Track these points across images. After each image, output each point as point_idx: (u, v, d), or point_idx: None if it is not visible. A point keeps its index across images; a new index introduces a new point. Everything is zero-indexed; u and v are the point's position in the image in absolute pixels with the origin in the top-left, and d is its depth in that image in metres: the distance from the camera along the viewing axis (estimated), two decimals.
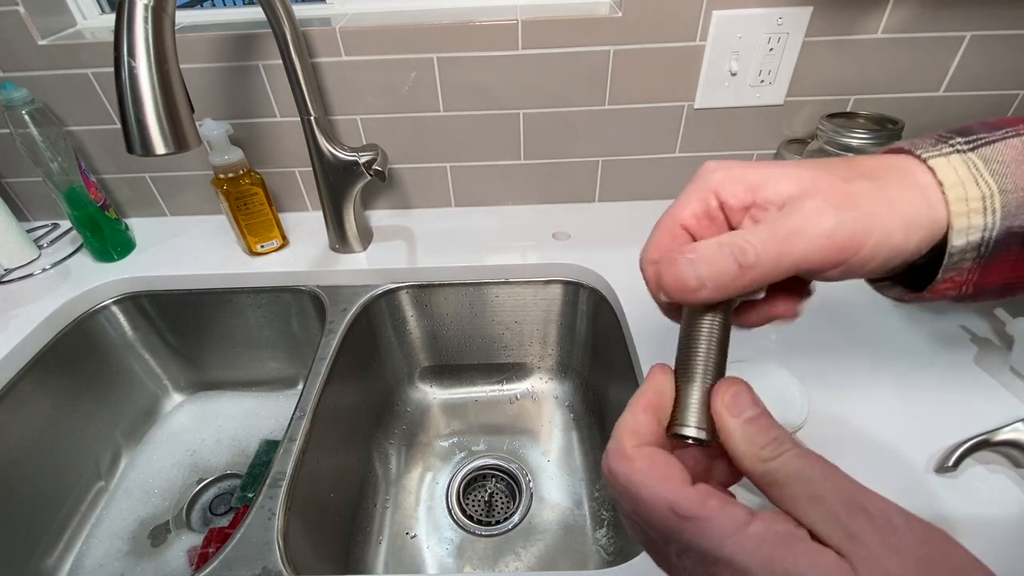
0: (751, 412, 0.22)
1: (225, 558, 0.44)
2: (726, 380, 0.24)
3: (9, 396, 0.59)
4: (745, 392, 0.23)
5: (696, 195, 0.26)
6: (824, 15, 0.61)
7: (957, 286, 0.25)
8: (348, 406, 0.65)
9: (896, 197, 0.23)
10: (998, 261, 0.24)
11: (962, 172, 0.23)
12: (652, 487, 0.21)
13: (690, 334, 0.25)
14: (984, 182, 0.23)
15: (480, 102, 0.68)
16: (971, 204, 0.23)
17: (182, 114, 0.41)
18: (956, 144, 0.24)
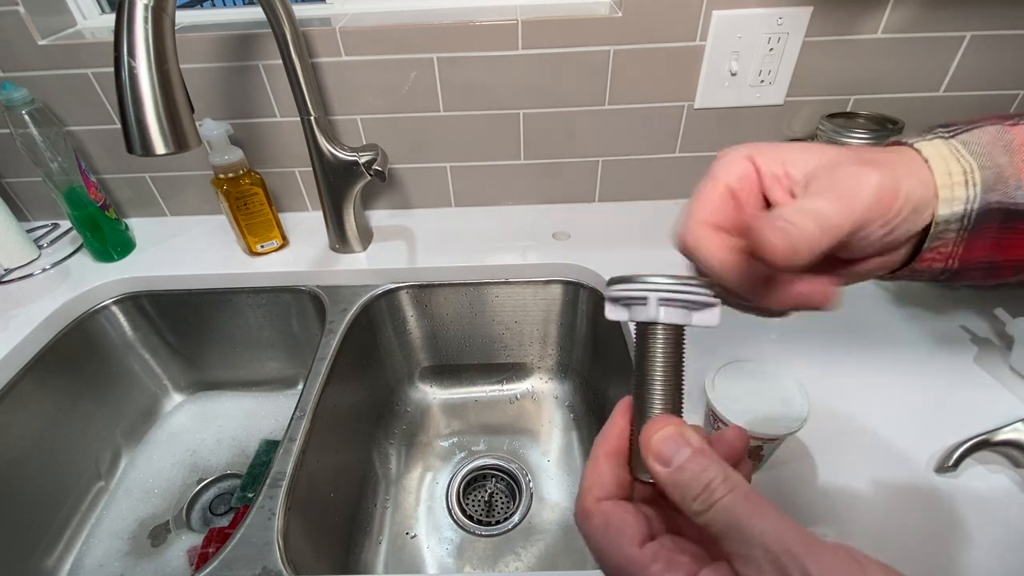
0: (681, 457, 0.22)
1: (225, 558, 0.44)
2: (654, 422, 0.23)
3: (9, 396, 0.59)
4: (673, 435, 0.22)
5: (734, 163, 0.27)
6: (824, 15, 0.61)
7: (944, 258, 0.26)
8: (348, 406, 0.65)
9: (903, 165, 0.25)
10: (980, 237, 0.26)
11: (943, 151, 0.26)
12: (603, 547, 0.22)
13: (643, 359, 0.25)
14: (964, 159, 0.25)
15: (480, 102, 0.68)
16: (954, 178, 0.25)
17: (182, 114, 0.41)
18: (939, 133, 0.27)
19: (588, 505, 0.24)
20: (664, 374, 0.24)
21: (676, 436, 0.22)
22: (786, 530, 0.19)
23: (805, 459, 0.45)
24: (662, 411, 0.24)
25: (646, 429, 0.23)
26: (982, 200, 0.25)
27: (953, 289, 0.60)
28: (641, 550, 0.22)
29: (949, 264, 0.27)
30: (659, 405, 0.24)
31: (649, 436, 0.23)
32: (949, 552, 0.39)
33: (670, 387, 0.24)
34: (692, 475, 0.21)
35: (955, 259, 0.26)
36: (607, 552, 0.22)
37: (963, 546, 0.40)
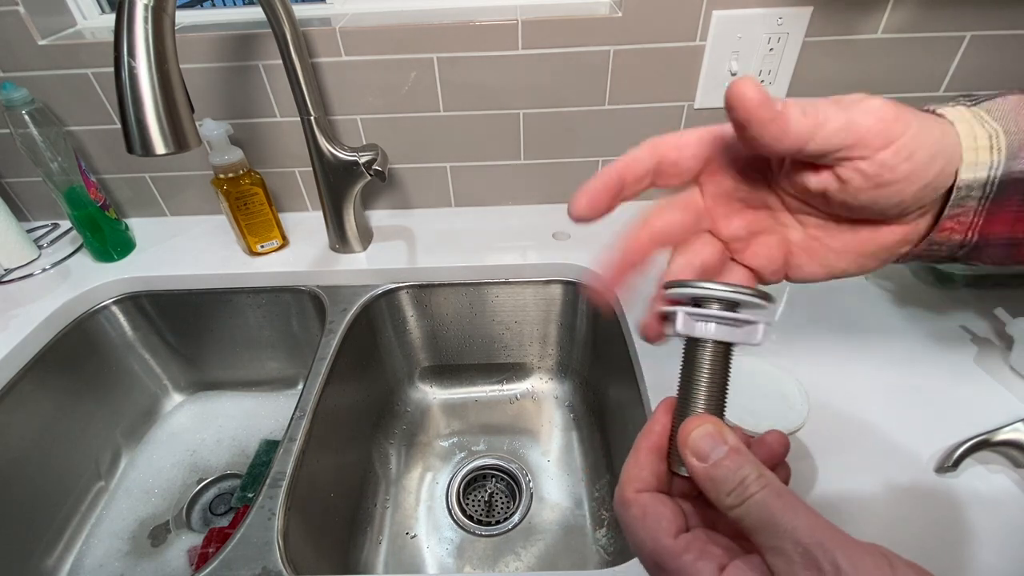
0: (718, 454, 0.22)
1: (225, 558, 0.44)
2: (693, 419, 0.24)
3: (9, 396, 0.59)
4: (712, 433, 0.23)
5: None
6: (824, 15, 0.61)
7: (963, 229, 0.26)
8: (348, 406, 0.65)
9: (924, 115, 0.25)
10: (1002, 209, 0.25)
11: (967, 116, 0.25)
12: (640, 535, 0.23)
13: (689, 363, 0.25)
14: (989, 124, 0.25)
15: (480, 102, 0.68)
16: (979, 141, 0.25)
17: (182, 114, 0.41)
18: (961, 101, 0.26)
19: (627, 495, 0.24)
20: (709, 380, 0.25)
21: (714, 434, 0.23)
22: (818, 525, 0.19)
23: (805, 459, 0.45)
24: (704, 411, 0.25)
25: (685, 425, 0.24)
26: (1006, 167, 0.24)
27: (953, 289, 0.60)
28: (675, 540, 0.22)
29: (968, 237, 0.26)
30: (701, 406, 0.25)
31: (688, 432, 0.23)
32: (949, 552, 0.39)
33: (713, 392, 0.25)
34: (727, 471, 0.21)
35: (975, 231, 0.26)
36: (643, 540, 0.23)
37: (963, 546, 0.40)
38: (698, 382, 0.25)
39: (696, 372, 0.25)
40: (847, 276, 0.28)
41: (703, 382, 0.25)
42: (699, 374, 0.25)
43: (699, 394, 0.25)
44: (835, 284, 0.25)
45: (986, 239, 0.26)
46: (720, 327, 0.25)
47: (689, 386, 0.25)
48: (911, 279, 0.63)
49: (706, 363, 0.25)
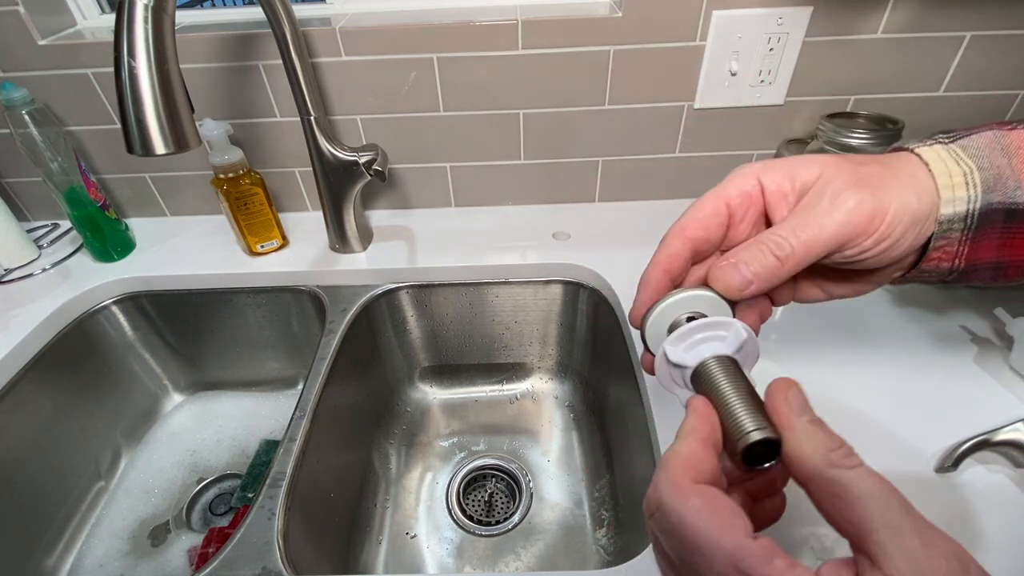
0: (811, 415, 0.22)
1: (225, 558, 0.44)
2: (782, 379, 0.23)
3: (9, 396, 0.59)
4: (803, 394, 0.23)
5: (740, 179, 0.29)
6: (824, 15, 0.61)
7: (950, 257, 0.28)
8: (348, 406, 0.65)
9: (903, 174, 0.27)
10: (985, 237, 0.27)
11: (943, 155, 0.27)
12: (711, 533, 0.19)
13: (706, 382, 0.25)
14: (964, 162, 0.27)
15: (480, 102, 0.68)
16: (954, 179, 0.26)
17: (182, 114, 0.41)
18: (939, 139, 0.28)
19: (686, 485, 0.21)
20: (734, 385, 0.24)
21: (805, 396, 0.22)
22: (917, 513, 0.19)
23: None
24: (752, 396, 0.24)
25: (776, 382, 0.23)
26: (984, 200, 0.26)
27: (953, 289, 0.60)
28: (757, 541, 0.19)
29: (956, 264, 0.28)
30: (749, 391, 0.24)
31: (784, 386, 0.23)
32: None
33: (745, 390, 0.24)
34: (827, 431, 0.21)
35: (961, 258, 0.28)
36: (713, 541, 0.19)
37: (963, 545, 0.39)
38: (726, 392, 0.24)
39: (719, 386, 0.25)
40: (846, 298, 0.31)
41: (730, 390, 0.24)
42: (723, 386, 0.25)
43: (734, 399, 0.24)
44: None
45: (973, 264, 0.28)
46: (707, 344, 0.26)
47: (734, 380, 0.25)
48: None
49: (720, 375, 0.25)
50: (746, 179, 0.28)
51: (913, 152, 0.28)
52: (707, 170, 0.75)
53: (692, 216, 0.29)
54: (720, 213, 0.29)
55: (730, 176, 0.29)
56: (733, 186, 0.29)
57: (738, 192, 0.28)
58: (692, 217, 0.29)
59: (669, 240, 0.29)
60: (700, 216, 0.29)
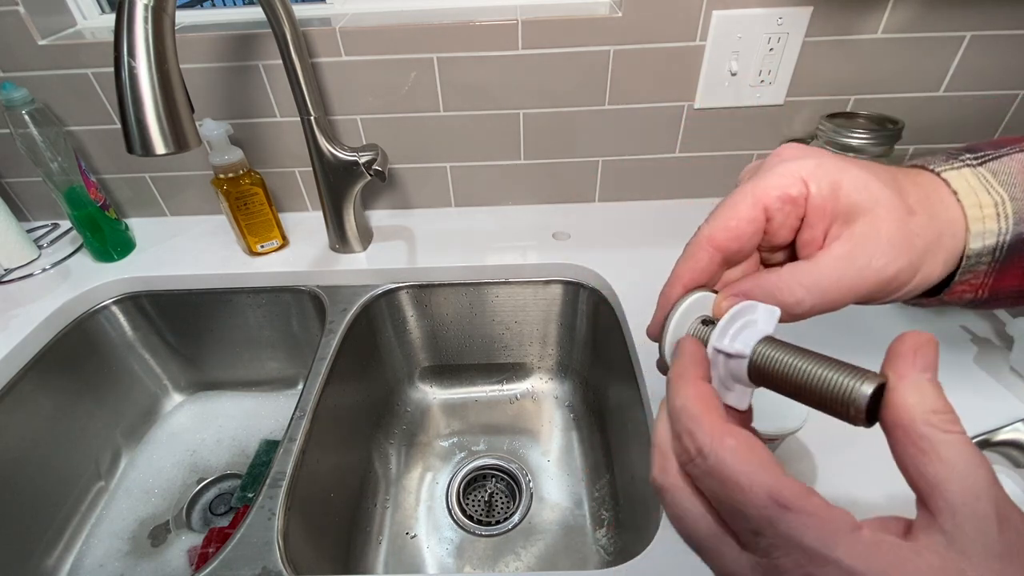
0: (933, 375, 0.20)
1: (225, 558, 0.44)
2: (918, 333, 0.21)
3: (9, 396, 0.59)
4: (935, 354, 0.20)
5: (785, 179, 0.25)
6: (824, 15, 0.61)
7: (974, 289, 0.26)
8: (348, 406, 0.65)
9: (943, 233, 0.25)
10: (1012, 266, 0.25)
11: (973, 182, 0.25)
12: (751, 471, 0.19)
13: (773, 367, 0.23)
14: (995, 191, 0.25)
15: (480, 102, 0.68)
16: (985, 211, 0.25)
17: (182, 114, 0.41)
18: (966, 160, 0.26)
19: (717, 425, 0.21)
20: (800, 354, 0.23)
21: (936, 352, 0.20)
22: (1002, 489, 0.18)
23: (805, 459, 0.45)
24: (839, 365, 0.23)
25: (915, 335, 0.21)
26: (1015, 232, 0.25)
27: None
28: (793, 480, 0.19)
29: (979, 295, 0.27)
30: (832, 366, 0.22)
31: (924, 342, 0.21)
32: None
33: (815, 357, 0.23)
34: (939, 392, 0.19)
35: (985, 289, 0.26)
36: (753, 478, 0.19)
37: None
38: (802, 363, 0.23)
39: (789, 361, 0.23)
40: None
41: (805, 360, 0.23)
42: (793, 360, 0.23)
43: (816, 366, 0.22)
44: None
45: (996, 294, 0.27)
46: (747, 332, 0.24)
47: (804, 370, 0.23)
48: None
49: (782, 352, 0.23)
50: (792, 181, 0.25)
51: (940, 176, 0.26)
52: (707, 170, 0.75)
53: (722, 223, 0.25)
54: (757, 220, 0.25)
55: (771, 170, 0.25)
56: (775, 187, 0.25)
57: (780, 195, 0.25)
58: (722, 225, 0.25)
59: (695, 251, 0.26)
60: (732, 224, 0.25)
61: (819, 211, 0.25)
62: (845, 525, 0.18)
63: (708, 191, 0.77)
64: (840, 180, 0.24)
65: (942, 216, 0.25)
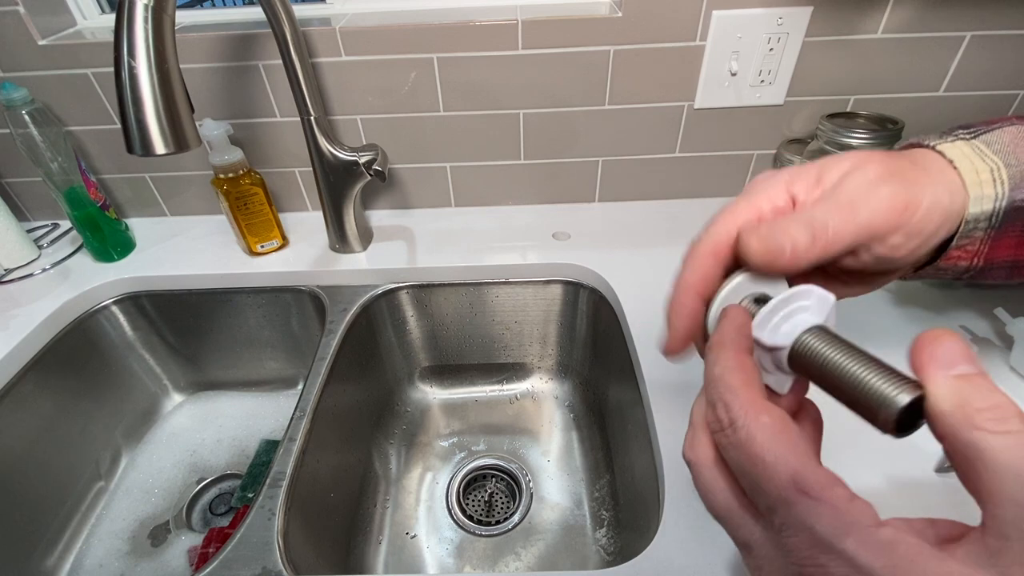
0: (965, 368, 0.18)
1: (225, 558, 0.44)
2: (931, 331, 0.20)
3: (9, 396, 0.59)
4: (957, 344, 0.19)
5: (770, 191, 0.26)
6: (824, 15, 0.61)
7: (970, 256, 0.27)
8: (348, 406, 0.65)
9: (932, 170, 0.26)
10: (1006, 235, 0.26)
11: (967, 151, 0.26)
12: (779, 450, 0.19)
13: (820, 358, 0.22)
14: (989, 159, 0.26)
15: (480, 102, 0.68)
16: (982, 176, 0.25)
17: (182, 114, 0.41)
18: (959, 134, 0.27)
19: (756, 400, 0.21)
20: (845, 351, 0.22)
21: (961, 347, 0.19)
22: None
23: None
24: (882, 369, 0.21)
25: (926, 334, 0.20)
26: (1009, 198, 0.25)
27: (953, 289, 0.60)
28: (821, 467, 0.19)
29: (974, 262, 0.27)
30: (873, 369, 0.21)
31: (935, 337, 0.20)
32: None
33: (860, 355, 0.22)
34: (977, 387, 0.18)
35: (981, 257, 0.27)
36: (779, 457, 0.19)
37: None
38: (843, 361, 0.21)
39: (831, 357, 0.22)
40: (852, 297, 0.30)
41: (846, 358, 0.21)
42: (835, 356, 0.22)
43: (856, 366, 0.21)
44: None
45: (991, 263, 0.27)
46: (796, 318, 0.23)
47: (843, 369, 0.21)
48: None
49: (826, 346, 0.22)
50: (777, 191, 0.26)
51: (934, 149, 0.27)
52: (707, 170, 0.75)
53: (724, 230, 0.26)
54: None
55: (757, 185, 0.26)
56: (764, 198, 0.26)
57: (771, 207, 0.26)
58: (725, 231, 0.26)
59: (700, 258, 0.26)
60: (734, 231, 0.25)
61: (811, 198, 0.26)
62: (864, 518, 0.18)
63: (708, 191, 0.77)
64: (821, 172, 0.26)
65: (928, 165, 0.26)
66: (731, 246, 0.26)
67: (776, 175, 0.27)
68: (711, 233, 0.26)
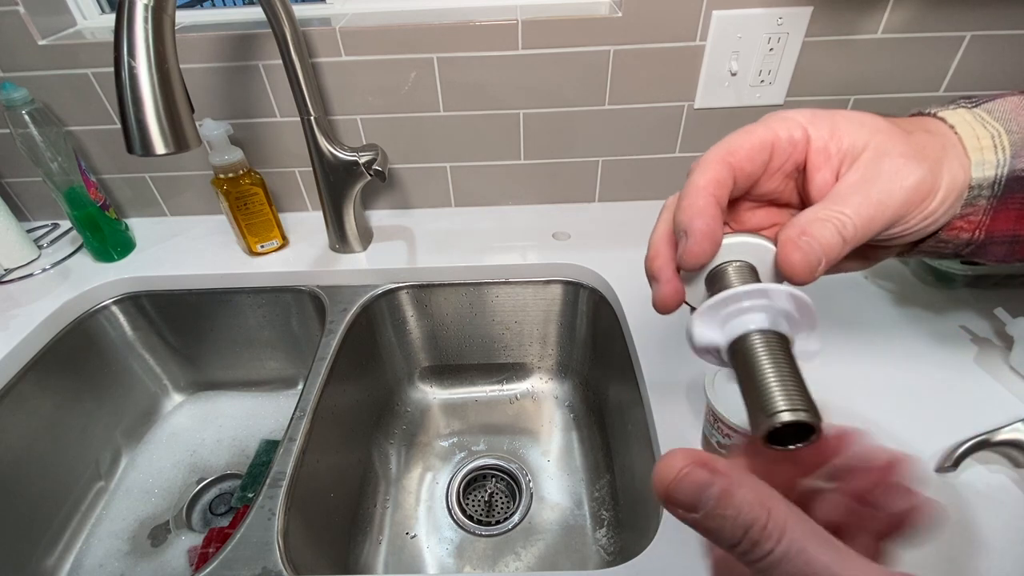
0: (708, 500, 0.18)
1: (225, 558, 0.44)
2: (665, 460, 0.18)
3: (9, 396, 0.59)
4: (687, 473, 0.18)
5: (787, 123, 0.26)
6: (824, 15, 0.61)
7: (972, 227, 0.27)
8: (348, 406, 0.65)
9: (948, 144, 0.25)
10: (1006, 207, 0.26)
11: (968, 118, 0.26)
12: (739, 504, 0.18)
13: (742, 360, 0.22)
14: (991, 125, 0.26)
15: (480, 102, 0.68)
16: (983, 142, 0.25)
17: (182, 114, 0.41)
18: (961, 103, 0.27)
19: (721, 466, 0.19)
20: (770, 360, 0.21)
21: (693, 474, 0.18)
22: None
23: None
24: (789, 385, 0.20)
25: (656, 469, 0.18)
26: (1010, 165, 0.25)
27: (954, 289, 0.60)
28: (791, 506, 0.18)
29: (976, 235, 0.27)
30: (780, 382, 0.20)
31: (661, 480, 0.18)
32: (949, 552, 0.39)
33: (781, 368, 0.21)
34: (726, 520, 0.17)
35: (982, 229, 0.27)
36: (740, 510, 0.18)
37: (963, 546, 0.40)
38: (760, 369, 0.21)
39: (753, 363, 0.21)
40: (851, 271, 0.29)
41: (767, 366, 0.21)
42: (759, 363, 0.21)
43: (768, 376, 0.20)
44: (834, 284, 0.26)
45: (991, 236, 0.27)
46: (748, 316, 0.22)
47: (753, 377, 0.21)
48: (911, 279, 0.63)
49: (758, 352, 0.21)
50: (793, 126, 0.25)
51: (936, 116, 0.27)
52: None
53: (740, 143, 0.25)
54: (767, 149, 0.25)
55: (773, 117, 0.26)
56: (782, 127, 0.25)
57: (787, 136, 0.25)
58: (740, 144, 0.25)
59: (713, 165, 0.25)
60: (748, 145, 0.25)
61: (822, 153, 0.25)
62: None
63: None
64: (836, 121, 0.25)
65: (942, 137, 0.26)
66: (745, 162, 0.25)
67: (792, 112, 0.26)
68: (727, 147, 0.25)
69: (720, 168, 0.24)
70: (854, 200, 0.23)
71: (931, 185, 0.24)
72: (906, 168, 0.24)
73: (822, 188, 0.25)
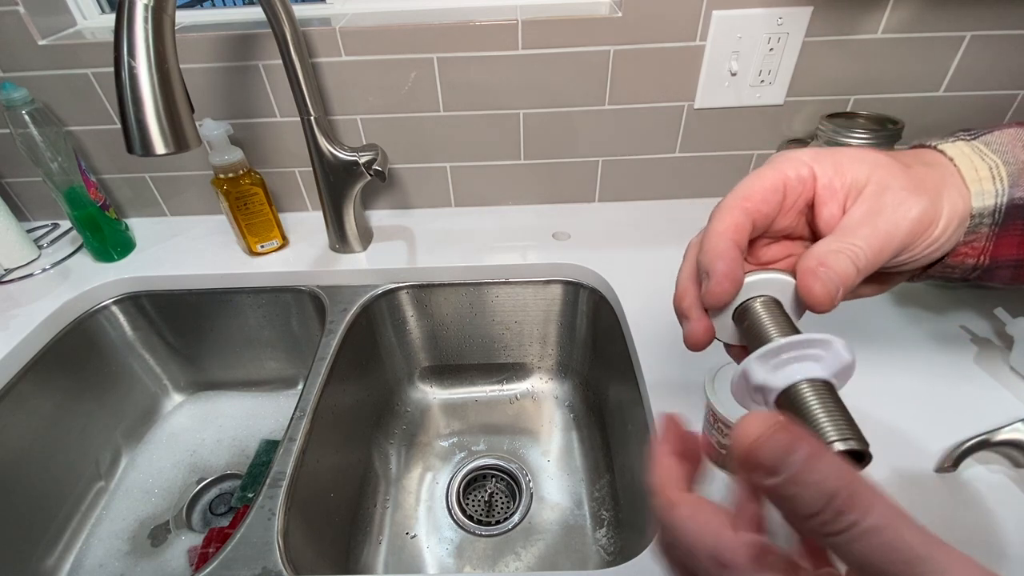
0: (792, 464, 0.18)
1: (225, 558, 0.44)
2: (745, 422, 0.20)
3: (9, 396, 0.59)
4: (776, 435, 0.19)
5: (794, 163, 0.27)
6: (824, 15, 0.61)
7: (976, 253, 0.28)
8: (348, 406, 0.65)
9: (946, 174, 0.27)
10: (1008, 233, 0.27)
11: (966, 150, 0.27)
12: (695, 533, 0.20)
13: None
14: (988, 157, 0.27)
15: (480, 102, 0.68)
16: (980, 173, 0.27)
17: (182, 114, 0.41)
18: (960, 136, 0.28)
19: (673, 495, 0.22)
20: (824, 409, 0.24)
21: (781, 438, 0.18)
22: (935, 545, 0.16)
23: None
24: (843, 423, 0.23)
25: (736, 433, 0.19)
26: (1009, 195, 0.27)
27: (954, 289, 0.60)
28: (736, 533, 0.20)
29: (980, 261, 0.28)
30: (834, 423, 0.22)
31: (743, 442, 0.19)
32: None
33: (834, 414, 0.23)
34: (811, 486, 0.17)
35: (986, 255, 0.28)
36: (699, 538, 0.20)
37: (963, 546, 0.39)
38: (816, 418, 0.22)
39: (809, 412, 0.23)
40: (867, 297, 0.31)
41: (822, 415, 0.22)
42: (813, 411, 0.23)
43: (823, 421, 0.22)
44: None
45: (996, 261, 0.28)
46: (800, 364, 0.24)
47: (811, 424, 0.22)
48: None
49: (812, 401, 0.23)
50: (799, 165, 0.27)
51: (936, 149, 0.28)
52: (707, 170, 0.75)
53: (754, 187, 0.26)
54: (779, 190, 0.26)
55: (779, 159, 0.27)
56: (790, 167, 0.27)
57: (796, 175, 0.27)
58: (754, 188, 0.26)
59: (730, 211, 0.26)
60: (761, 188, 0.26)
61: (828, 189, 0.27)
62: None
63: (708, 191, 0.77)
64: (838, 159, 0.27)
65: (941, 168, 0.27)
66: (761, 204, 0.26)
67: (797, 152, 0.27)
68: (742, 192, 0.26)
69: (737, 213, 0.26)
70: (863, 232, 0.25)
71: (933, 215, 0.25)
72: (909, 200, 0.25)
73: (830, 221, 0.27)
